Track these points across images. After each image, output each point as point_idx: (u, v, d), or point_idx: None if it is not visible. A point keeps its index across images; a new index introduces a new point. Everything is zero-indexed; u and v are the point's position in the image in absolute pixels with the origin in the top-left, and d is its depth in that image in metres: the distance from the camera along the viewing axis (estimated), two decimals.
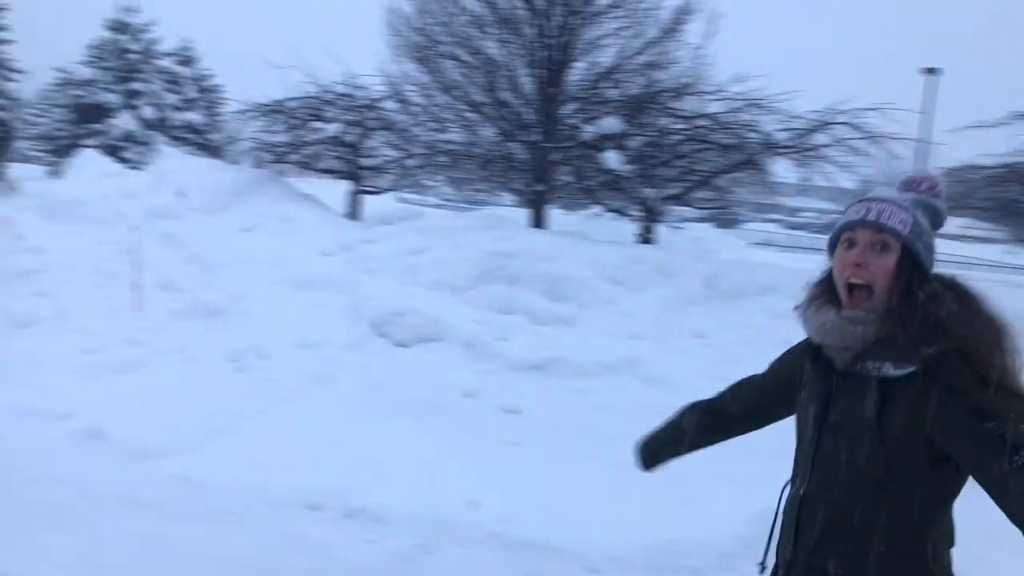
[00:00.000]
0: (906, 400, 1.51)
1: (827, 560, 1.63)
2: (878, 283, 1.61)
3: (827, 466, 1.65)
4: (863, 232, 1.63)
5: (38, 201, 8.88)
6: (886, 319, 1.59)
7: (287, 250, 8.01)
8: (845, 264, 1.65)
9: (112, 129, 30.66)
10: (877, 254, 1.61)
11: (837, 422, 1.63)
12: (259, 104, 10.67)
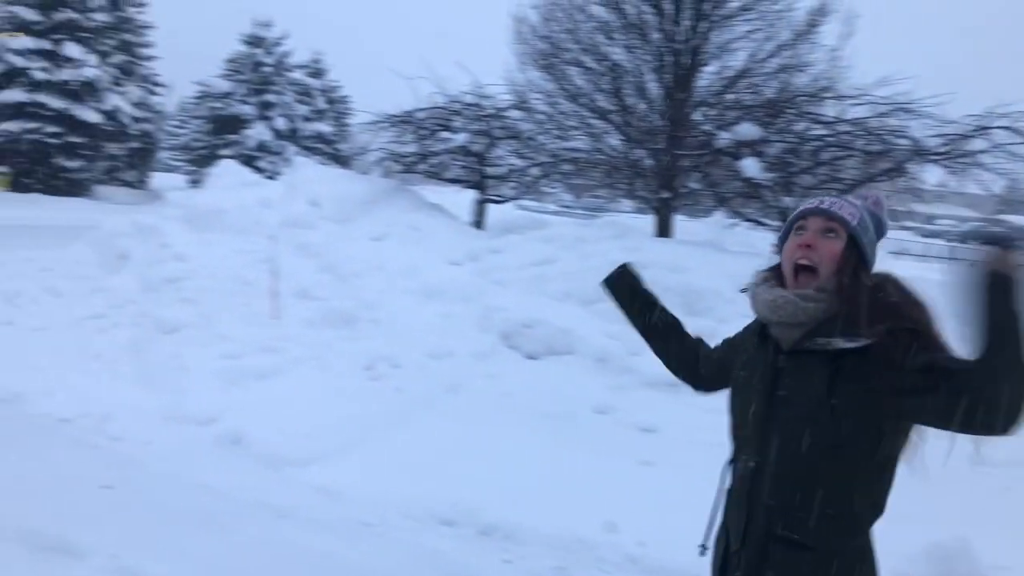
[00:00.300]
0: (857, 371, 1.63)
1: (785, 527, 1.72)
2: (824, 266, 1.74)
3: (780, 439, 1.73)
4: (814, 219, 1.79)
5: (182, 210, 9.27)
6: (835, 299, 1.71)
7: (416, 259, 8.08)
8: (795, 247, 1.78)
9: (247, 140, 32.13)
10: (826, 239, 1.76)
11: (788, 397, 1.72)
12: (388, 115, 10.86)
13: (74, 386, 6.04)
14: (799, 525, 1.70)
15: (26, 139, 25.04)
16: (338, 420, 5.36)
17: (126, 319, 7.32)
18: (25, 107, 25.01)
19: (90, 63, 26.18)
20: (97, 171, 28.78)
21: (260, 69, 33.14)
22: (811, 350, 1.70)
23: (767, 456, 1.76)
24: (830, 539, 1.69)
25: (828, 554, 1.69)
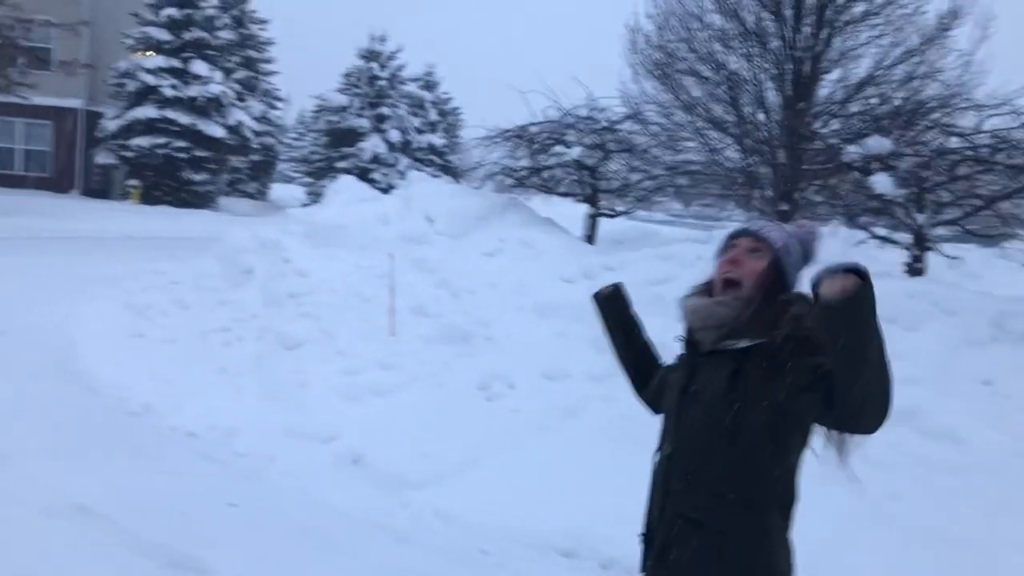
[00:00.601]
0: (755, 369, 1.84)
1: (692, 509, 1.92)
2: (746, 280, 1.94)
3: (688, 429, 1.96)
4: (744, 239, 2.00)
5: (303, 226, 9.51)
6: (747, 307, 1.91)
7: (529, 276, 8.03)
8: (724, 262, 2.00)
9: (362, 152, 32.95)
10: (751, 257, 1.96)
11: (696, 390, 1.95)
12: (502, 130, 10.88)
13: (201, 400, 6.24)
14: (700, 507, 1.92)
15: (156, 153, 26.35)
16: (453, 441, 5.34)
17: (250, 333, 7.54)
18: (156, 123, 26.33)
19: (216, 80, 27.36)
20: (221, 183, 30.03)
21: (375, 83, 33.95)
22: (722, 350, 1.93)
23: (678, 444, 1.99)
24: (726, 520, 1.88)
25: (724, 534, 1.88)
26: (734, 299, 1.93)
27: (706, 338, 1.98)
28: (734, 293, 1.95)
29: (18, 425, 5.51)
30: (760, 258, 1.96)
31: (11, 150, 27.65)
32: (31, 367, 7.06)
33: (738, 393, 1.86)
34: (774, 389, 1.81)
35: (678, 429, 2.00)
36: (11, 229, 17.76)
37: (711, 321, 1.96)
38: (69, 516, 4.16)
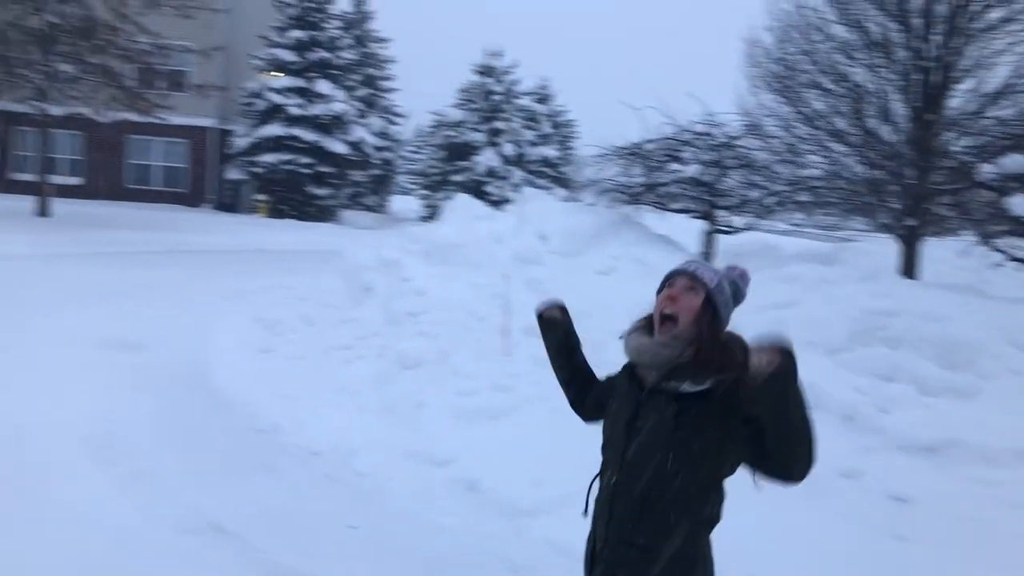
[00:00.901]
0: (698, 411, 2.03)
1: (635, 533, 2.11)
2: (683, 316, 2.13)
3: (635, 460, 2.13)
4: (681, 278, 2.22)
5: (421, 244, 9.74)
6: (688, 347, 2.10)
7: (643, 296, 7.93)
8: (663, 299, 2.21)
9: (476, 166, 33.46)
10: (688, 294, 2.16)
11: (643, 427, 2.12)
12: (616, 147, 10.86)
13: (324, 418, 6.47)
14: (643, 531, 2.10)
15: (282, 169, 27.49)
16: (567, 467, 5.33)
17: (371, 351, 7.77)
18: (282, 140, 27.48)
19: (339, 98, 28.34)
20: (342, 197, 31.05)
21: (490, 97, 34.41)
22: (664, 390, 2.11)
23: (623, 474, 2.16)
24: (667, 544, 2.09)
25: (665, 556, 2.08)
26: (674, 339, 2.13)
27: (648, 376, 2.17)
28: (671, 327, 2.16)
29: (157, 441, 5.86)
30: (696, 296, 2.17)
31: (150, 167, 29.40)
32: (168, 382, 7.49)
33: (683, 432, 2.06)
34: (715, 432, 2.04)
35: (623, 459, 2.18)
36: (150, 243, 18.88)
37: (657, 360, 2.15)
38: (203, 534, 4.40)
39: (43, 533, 4.31)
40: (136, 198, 28.59)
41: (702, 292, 2.17)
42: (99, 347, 8.40)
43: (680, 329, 2.13)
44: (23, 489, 4.85)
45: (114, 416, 6.28)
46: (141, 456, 5.54)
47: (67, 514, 4.55)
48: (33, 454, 5.40)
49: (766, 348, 1.86)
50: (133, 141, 28.76)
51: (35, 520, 4.45)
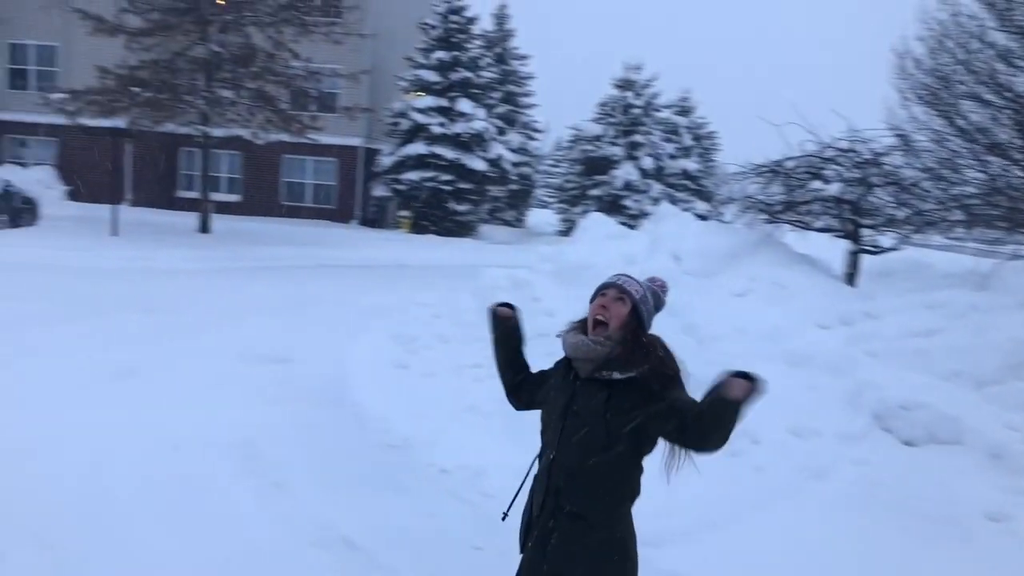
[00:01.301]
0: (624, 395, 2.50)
1: (569, 501, 2.54)
2: (612, 322, 2.59)
3: (570, 440, 2.55)
4: (611, 290, 2.67)
5: (551, 265, 9.80)
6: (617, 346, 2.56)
7: (780, 320, 7.72)
8: (596, 307, 2.64)
9: (614, 179, 33.36)
10: (617, 304, 2.62)
11: (577, 410, 2.56)
12: (755, 165, 10.58)
13: (453, 436, 6.61)
14: (576, 501, 2.54)
15: (425, 186, 28.31)
16: (693, 498, 5.24)
17: None
18: (425, 158, 28.30)
19: (479, 116, 28.94)
20: (481, 212, 31.64)
21: (629, 111, 34.26)
22: (597, 379, 2.57)
23: (560, 451, 2.58)
24: (597, 512, 2.54)
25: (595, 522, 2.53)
26: (606, 339, 2.58)
27: (584, 368, 2.62)
28: (602, 331, 2.60)
29: (296, 453, 6.15)
30: (624, 305, 2.64)
31: (302, 184, 30.90)
32: (309, 395, 7.85)
33: (612, 414, 2.51)
34: (638, 413, 2.49)
35: (561, 439, 2.60)
36: (299, 258, 19.83)
37: (591, 355, 2.59)
38: (334, 549, 4.59)
39: (187, 538, 4.61)
40: (289, 214, 30.11)
41: (629, 302, 2.65)
42: (248, 361, 8.91)
43: (610, 331, 2.60)
44: (172, 497, 5.20)
45: (258, 428, 6.64)
46: (280, 468, 5.83)
47: (209, 522, 4.85)
48: (183, 463, 5.79)
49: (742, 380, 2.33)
50: (287, 160, 30.33)
51: (181, 526, 4.77)
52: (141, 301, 12.26)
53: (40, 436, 6.13)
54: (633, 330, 2.61)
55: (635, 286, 2.70)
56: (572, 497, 2.55)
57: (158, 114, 20.39)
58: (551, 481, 2.59)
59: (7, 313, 10.52)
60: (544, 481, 2.63)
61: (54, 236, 18.89)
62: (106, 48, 21.90)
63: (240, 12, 20.73)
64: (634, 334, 2.60)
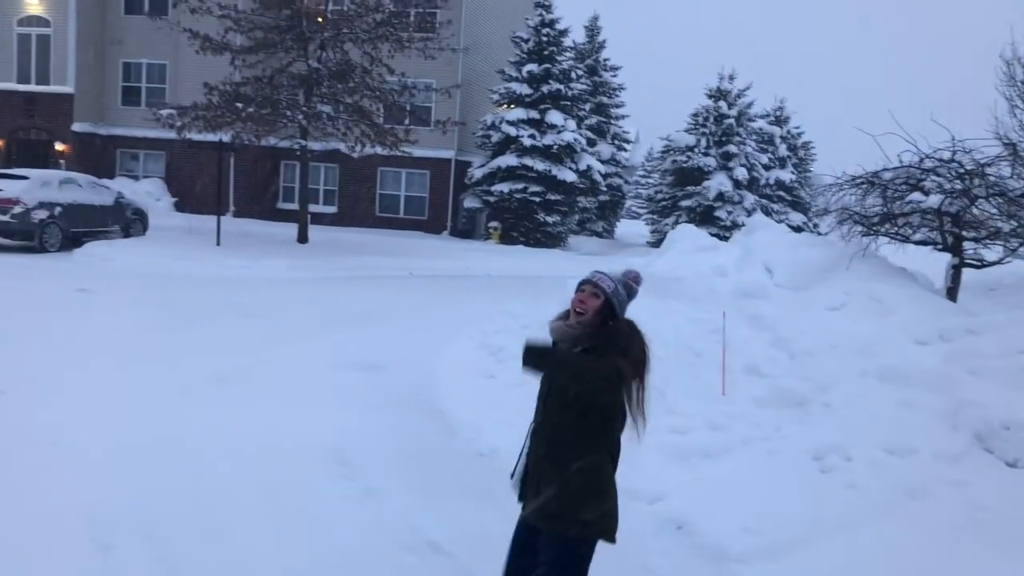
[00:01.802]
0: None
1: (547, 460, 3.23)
2: (589, 313, 3.19)
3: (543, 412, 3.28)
4: (588, 286, 3.24)
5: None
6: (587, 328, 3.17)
7: (876, 335, 7.53)
8: (576, 300, 3.22)
9: (706, 190, 32.94)
10: (593, 298, 3.20)
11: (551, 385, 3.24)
12: (851, 177, 10.34)
13: None
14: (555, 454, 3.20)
15: (515, 198, 28.54)
16: (782, 514, 5.18)
17: None
18: (515, 170, 28.55)
19: (569, 128, 29.03)
20: (571, 223, 31.68)
21: (723, 121, 33.81)
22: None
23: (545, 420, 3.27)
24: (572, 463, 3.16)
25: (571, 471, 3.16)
26: (580, 325, 3.20)
27: (563, 347, 3.23)
28: (580, 319, 3.21)
29: (387, 459, 6.32)
30: (597, 299, 3.21)
31: (397, 196, 31.57)
32: (400, 402, 8.04)
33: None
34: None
35: (545, 409, 3.28)
36: (392, 268, 20.26)
37: (565, 337, 3.23)
38: (422, 553, 4.71)
39: (282, 537, 4.81)
40: (383, 225, 30.78)
41: (602, 296, 3.21)
42: (342, 367, 9.18)
43: (587, 320, 3.20)
44: (270, 497, 5.43)
45: (350, 433, 6.85)
46: (372, 473, 6.01)
47: (304, 522, 5.04)
48: (280, 466, 6.02)
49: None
50: (382, 172, 31.05)
51: (277, 525, 4.98)
52: (243, 308, 12.76)
53: (148, 436, 6.48)
54: (603, 317, 3.21)
55: (607, 282, 3.25)
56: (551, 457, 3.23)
57: (260, 128, 21.18)
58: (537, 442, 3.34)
59: (122, 319, 11.11)
60: (532, 443, 3.40)
61: (162, 246, 19.81)
62: (212, 66, 22.90)
63: (338, 29, 21.36)
64: (603, 320, 3.21)
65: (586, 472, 3.17)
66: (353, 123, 21.57)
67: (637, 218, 59.41)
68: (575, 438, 3.16)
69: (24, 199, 18.20)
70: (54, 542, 4.60)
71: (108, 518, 4.95)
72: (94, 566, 4.39)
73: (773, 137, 39.00)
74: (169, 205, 30.73)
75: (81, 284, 13.93)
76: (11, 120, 30.88)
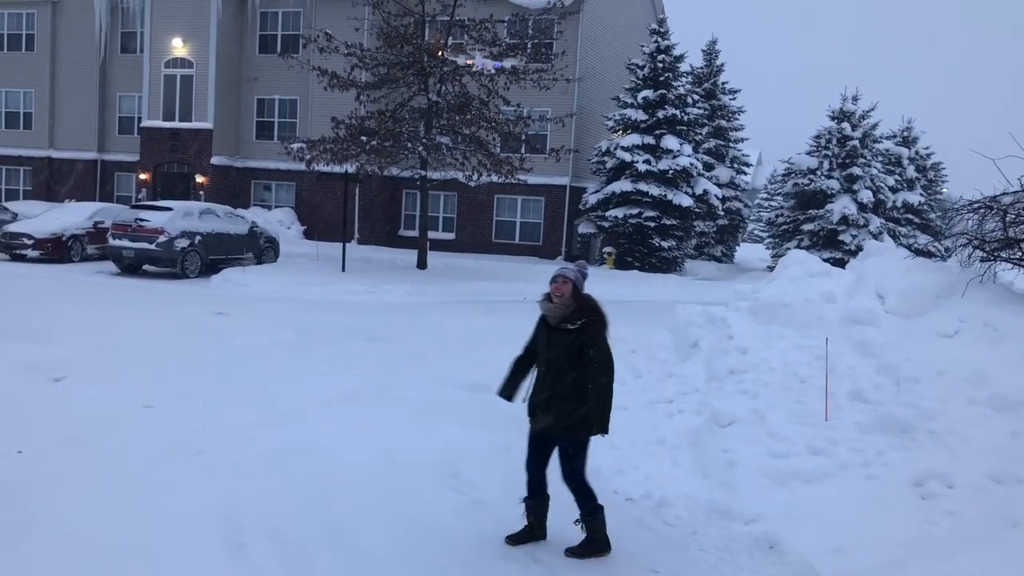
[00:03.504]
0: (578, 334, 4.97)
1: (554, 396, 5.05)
2: (565, 295, 5.01)
3: (553, 360, 5.05)
4: (559, 279, 5.05)
5: (748, 303, 9.86)
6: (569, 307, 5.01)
7: (988, 364, 7.38)
8: (554, 289, 5.03)
9: (829, 214, 32.14)
10: (564, 284, 5.02)
11: (555, 344, 5.04)
12: (968, 201, 10.11)
13: (640, 467, 6.90)
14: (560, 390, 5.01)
15: (629, 223, 28.67)
16: (877, 537, 5.24)
17: (690, 406, 8.08)
18: (630, 195, 28.71)
19: (685, 152, 29.00)
20: (687, 248, 31.52)
21: (846, 143, 32.99)
22: (560, 328, 5.03)
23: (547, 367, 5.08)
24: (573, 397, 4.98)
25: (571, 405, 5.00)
26: (562, 306, 5.00)
27: (553, 320, 5.06)
28: (560, 300, 5.00)
29: (495, 474, 6.68)
30: (567, 285, 5.01)
31: (512, 223, 32.23)
32: (508, 421, 8.31)
33: (572, 345, 4.98)
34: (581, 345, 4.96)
35: (548, 360, 5.09)
36: (506, 293, 20.76)
37: (555, 314, 5.05)
38: (523, 562, 5.04)
39: (398, 545, 5.23)
40: (499, 251, 31.46)
41: (570, 283, 5.02)
42: (455, 387, 9.64)
43: (565, 300, 5.02)
44: (387, 507, 5.88)
45: (462, 449, 7.26)
46: (481, 486, 6.39)
47: (418, 531, 5.46)
48: (396, 477, 6.49)
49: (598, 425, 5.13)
50: (498, 199, 31.80)
51: (394, 533, 5.41)
52: (366, 331, 13.47)
53: (280, 446, 7.08)
54: (575, 296, 5.03)
55: (571, 272, 5.09)
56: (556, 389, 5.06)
57: (383, 160, 22.21)
58: (545, 384, 5.11)
59: (256, 340, 11.96)
60: (541, 382, 5.16)
61: (292, 272, 20.99)
62: (339, 101, 24.20)
63: (457, 63, 22.21)
64: (576, 299, 5.03)
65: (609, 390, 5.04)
66: (470, 153, 22.31)
67: (759, 242, 58.27)
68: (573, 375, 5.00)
69: (168, 229, 19.71)
70: (195, 541, 5.17)
71: (242, 520, 5.50)
72: (227, 564, 4.91)
73: (900, 158, 37.68)
74: (298, 233, 32.38)
75: (219, 308, 15.02)
76: (157, 155, 33.33)
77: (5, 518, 5.35)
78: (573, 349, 4.94)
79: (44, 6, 35.96)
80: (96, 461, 6.53)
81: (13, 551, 4.88)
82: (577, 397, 4.94)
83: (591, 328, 4.95)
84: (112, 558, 4.86)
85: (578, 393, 4.93)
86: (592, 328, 4.96)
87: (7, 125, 37.17)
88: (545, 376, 5.06)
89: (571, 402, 4.95)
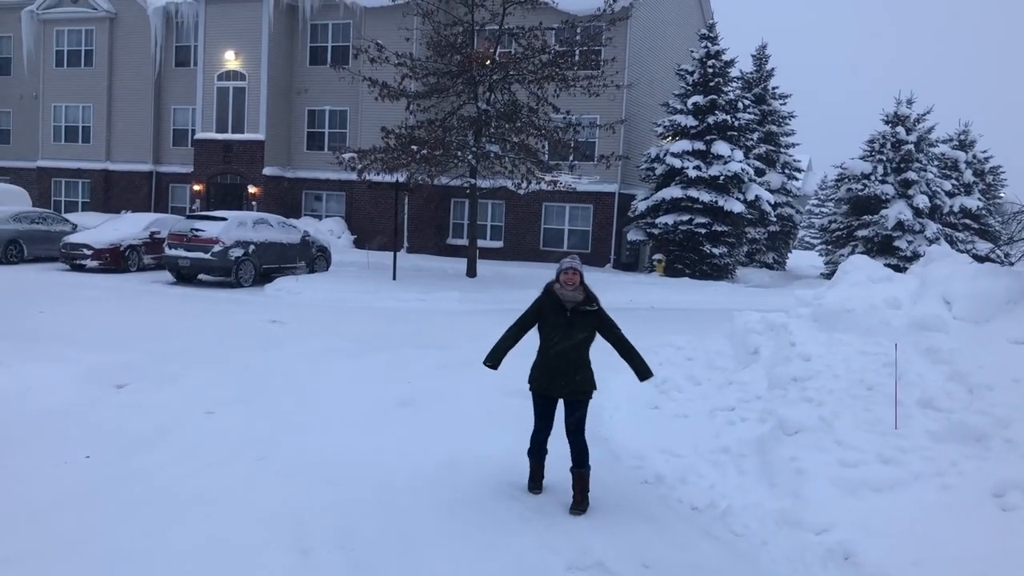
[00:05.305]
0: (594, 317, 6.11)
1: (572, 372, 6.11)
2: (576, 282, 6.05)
3: (568, 341, 6.05)
4: (570, 269, 6.06)
5: (810, 309, 9.66)
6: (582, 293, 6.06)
7: None
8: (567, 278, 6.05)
9: (884, 219, 31.48)
10: (575, 274, 6.06)
11: (573, 325, 6.05)
12: (1021, 205, 9.82)
13: (705, 476, 6.78)
14: (578, 364, 6.11)
15: (679, 230, 28.40)
16: (956, 550, 5.06)
17: (753, 415, 7.93)
18: (680, 202, 28.43)
19: (736, 158, 28.66)
20: (738, 255, 31.11)
21: (901, 147, 32.34)
22: (579, 310, 6.03)
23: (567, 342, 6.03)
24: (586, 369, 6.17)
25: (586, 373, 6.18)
26: (576, 291, 6.02)
27: (569, 304, 6.01)
28: (575, 286, 6.01)
29: (555, 481, 6.60)
30: (576, 274, 6.03)
31: (560, 230, 32.14)
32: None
33: (589, 326, 6.10)
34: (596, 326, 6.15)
35: (566, 340, 6.03)
36: None
37: (572, 299, 6.01)
38: (588, 571, 4.96)
39: (459, 551, 5.19)
40: (547, 259, 31.34)
41: (580, 272, 6.03)
42: (509, 394, 9.53)
43: (578, 286, 5.99)
44: (449, 513, 5.86)
45: (520, 455, 7.17)
46: (540, 494, 6.31)
47: (480, 538, 5.43)
48: (457, 483, 6.47)
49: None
50: (546, 207, 31.74)
51: (455, 540, 5.38)
52: (418, 338, 13.50)
53: (342, 452, 7.10)
54: (584, 284, 6.04)
55: (578, 264, 6.07)
56: (574, 363, 6.05)
57: (433, 169, 22.28)
58: (561, 363, 6.04)
59: (311, 347, 12.05)
60: (556, 357, 6.04)
61: (344, 280, 21.16)
62: (389, 111, 24.34)
63: (506, 72, 22.22)
64: (584, 287, 6.05)
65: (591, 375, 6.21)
66: (520, 160, 22.29)
67: (811, 248, 57.37)
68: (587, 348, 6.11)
69: (223, 238, 20.00)
70: (261, 546, 5.19)
71: (307, 526, 5.51)
72: (295, 567, 4.91)
73: (957, 162, 36.81)
74: (349, 242, 32.65)
75: (273, 316, 15.18)
76: (211, 166, 33.90)
77: (74, 522, 5.43)
78: (591, 327, 6.06)
79: (102, 23, 36.87)
80: (161, 466, 6.61)
81: (84, 556, 4.95)
82: (588, 365, 6.13)
83: (602, 309, 6.13)
84: (182, 562, 4.90)
85: (588, 362, 6.13)
86: (602, 309, 6.13)
87: (67, 139, 38.11)
88: (567, 351, 6.01)
89: (585, 370, 6.11)
